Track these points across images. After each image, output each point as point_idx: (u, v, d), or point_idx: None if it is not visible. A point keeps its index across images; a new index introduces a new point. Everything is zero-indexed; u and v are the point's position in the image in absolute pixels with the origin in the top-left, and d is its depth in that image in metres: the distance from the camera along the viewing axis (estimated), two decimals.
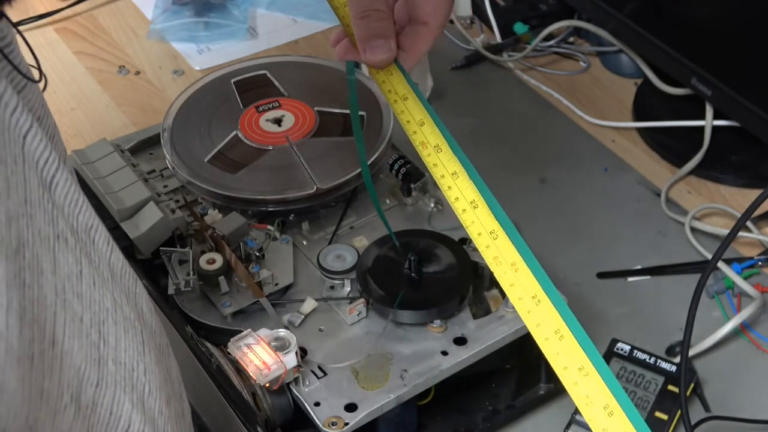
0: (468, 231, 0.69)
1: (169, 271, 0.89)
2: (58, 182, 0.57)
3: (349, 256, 0.90)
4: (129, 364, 0.60)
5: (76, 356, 0.56)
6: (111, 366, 0.59)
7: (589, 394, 0.63)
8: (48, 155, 0.56)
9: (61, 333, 0.55)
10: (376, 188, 0.98)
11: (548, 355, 0.65)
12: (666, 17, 1.17)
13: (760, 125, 1.06)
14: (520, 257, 0.67)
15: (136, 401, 0.60)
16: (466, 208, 0.70)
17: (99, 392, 0.58)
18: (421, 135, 0.73)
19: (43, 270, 0.54)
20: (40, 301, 0.53)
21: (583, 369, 0.63)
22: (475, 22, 1.37)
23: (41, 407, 0.53)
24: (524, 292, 0.66)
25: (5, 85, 0.54)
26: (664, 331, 0.98)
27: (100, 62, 1.32)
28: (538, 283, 0.66)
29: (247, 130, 0.99)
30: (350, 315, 0.86)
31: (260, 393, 0.81)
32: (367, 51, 0.72)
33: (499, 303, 0.89)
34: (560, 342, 0.64)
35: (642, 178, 1.15)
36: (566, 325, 0.65)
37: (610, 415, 0.62)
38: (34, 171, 0.55)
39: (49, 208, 0.56)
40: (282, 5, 1.40)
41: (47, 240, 0.55)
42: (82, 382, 0.56)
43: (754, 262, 1.03)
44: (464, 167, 0.71)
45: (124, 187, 0.93)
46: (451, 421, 0.89)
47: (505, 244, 0.68)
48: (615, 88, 1.27)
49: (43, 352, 0.53)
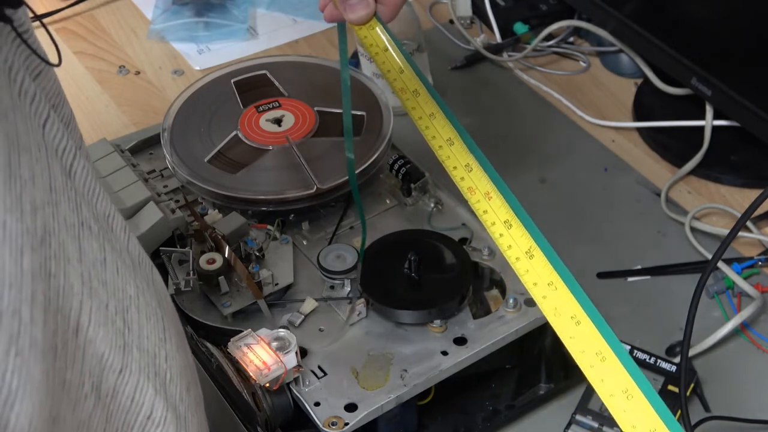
0: (482, 218, 0.70)
1: (169, 271, 0.89)
2: (76, 170, 0.57)
3: (349, 256, 0.90)
4: (152, 350, 0.60)
5: (100, 344, 0.56)
6: (135, 353, 0.59)
7: (604, 378, 0.63)
8: (66, 143, 0.57)
9: (86, 321, 0.55)
10: (376, 188, 0.98)
11: (566, 342, 0.65)
12: (666, 17, 1.17)
13: (760, 125, 1.06)
14: (535, 245, 0.68)
15: (159, 388, 0.60)
16: (464, 174, 0.72)
17: (121, 379, 0.58)
18: (400, 82, 0.77)
19: (69, 258, 0.54)
20: (66, 290, 0.54)
21: (600, 354, 0.63)
22: (475, 22, 1.37)
23: (63, 398, 0.53)
24: (539, 278, 0.67)
25: (23, 74, 0.55)
26: (664, 331, 0.98)
27: (100, 62, 1.32)
28: (553, 268, 0.66)
29: (247, 130, 0.99)
30: (350, 315, 0.86)
31: (260, 393, 0.81)
32: (347, 10, 0.76)
33: (499, 303, 0.89)
34: (577, 327, 0.64)
35: (642, 178, 1.15)
36: (583, 311, 0.65)
37: (629, 397, 0.62)
38: (55, 159, 0.55)
39: (73, 195, 0.56)
40: (282, 5, 1.40)
41: (73, 228, 0.55)
42: (104, 370, 0.57)
43: (754, 262, 1.03)
44: (460, 135, 0.73)
45: (124, 187, 0.93)
46: (451, 421, 0.89)
47: (519, 231, 0.68)
48: (615, 88, 1.27)
49: (66, 343, 0.54)
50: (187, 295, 0.88)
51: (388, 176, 0.99)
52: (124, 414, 0.59)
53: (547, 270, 0.67)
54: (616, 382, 0.63)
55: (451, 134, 0.73)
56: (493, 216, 0.70)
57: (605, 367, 0.63)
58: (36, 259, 0.51)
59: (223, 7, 1.37)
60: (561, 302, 0.66)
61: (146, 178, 0.97)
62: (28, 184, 0.51)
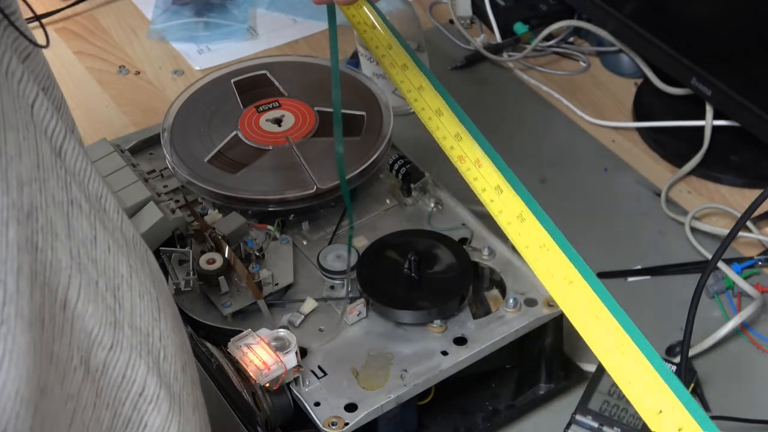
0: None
1: (169, 271, 0.89)
2: (66, 150, 0.58)
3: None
4: (145, 329, 0.61)
5: (89, 319, 0.57)
6: (127, 330, 0.59)
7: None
8: (55, 124, 0.57)
9: (74, 296, 0.56)
10: (376, 188, 0.98)
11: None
12: (666, 17, 1.17)
13: (760, 125, 1.06)
14: (527, 208, 0.69)
15: (152, 365, 0.61)
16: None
17: (112, 355, 0.58)
18: (389, 57, 0.79)
19: (57, 234, 0.55)
20: (54, 265, 0.54)
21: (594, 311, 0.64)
22: (475, 22, 1.37)
23: (51, 371, 0.54)
24: (530, 240, 0.68)
25: (10, 54, 0.55)
26: (664, 331, 0.98)
27: (100, 62, 1.32)
28: (545, 231, 0.68)
29: (247, 130, 0.99)
30: (350, 315, 0.86)
31: (260, 393, 0.81)
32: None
33: (499, 303, 0.89)
34: (570, 286, 0.66)
35: (642, 178, 1.15)
36: (577, 271, 0.66)
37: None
38: (44, 137, 0.56)
39: (62, 174, 0.56)
40: (282, 5, 1.40)
41: (61, 205, 0.56)
42: (93, 345, 0.57)
43: (754, 262, 1.03)
44: (449, 106, 0.76)
45: (124, 187, 0.93)
46: (451, 421, 0.89)
47: (510, 195, 0.70)
48: (615, 88, 1.27)
49: (54, 316, 0.54)
50: (187, 295, 0.88)
51: (388, 176, 0.99)
52: (115, 390, 0.59)
53: (540, 233, 0.68)
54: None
55: (440, 105, 0.75)
56: (483, 183, 0.71)
57: (600, 325, 0.64)
58: (22, 232, 0.51)
59: (223, 7, 1.37)
60: (553, 263, 0.67)
61: (146, 178, 0.97)
62: (15, 160, 0.52)
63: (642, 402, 0.60)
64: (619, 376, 0.61)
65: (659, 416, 0.59)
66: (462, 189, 1.06)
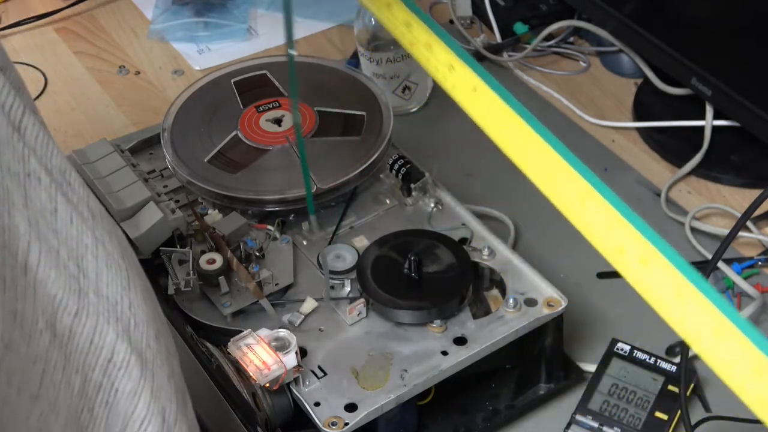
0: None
1: (169, 271, 0.89)
2: (26, 126, 0.59)
3: (349, 256, 0.90)
4: (113, 297, 0.62)
5: (52, 285, 0.58)
6: (93, 297, 0.60)
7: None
8: (13, 101, 0.58)
9: (35, 262, 0.57)
10: (376, 188, 0.98)
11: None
12: (666, 17, 1.17)
13: (760, 125, 1.06)
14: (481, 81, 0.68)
15: (121, 332, 0.61)
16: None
17: (78, 321, 0.59)
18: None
19: (14, 202, 0.56)
20: (12, 230, 0.56)
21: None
22: (475, 22, 1.37)
23: (14, 328, 0.55)
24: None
25: None
26: (664, 331, 0.97)
27: (100, 62, 1.32)
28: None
29: (247, 130, 0.99)
30: (350, 315, 0.86)
31: (260, 393, 0.81)
32: None
33: (499, 303, 0.89)
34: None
35: (642, 178, 1.15)
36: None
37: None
38: (1, 113, 0.57)
39: (20, 147, 0.58)
40: (282, 5, 1.39)
41: (17, 176, 0.57)
42: (58, 310, 0.58)
43: (754, 262, 1.03)
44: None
45: (124, 187, 0.93)
46: (451, 421, 0.89)
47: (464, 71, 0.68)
48: (615, 88, 1.27)
49: (15, 278, 0.55)
50: (187, 295, 0.88)
51: (388, 176, 0.99)
52: (83, 355, 0.60)
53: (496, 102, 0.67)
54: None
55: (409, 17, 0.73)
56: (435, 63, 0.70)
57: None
58: None
59: (223, 7, 1.37)
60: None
61: (146, 178, 0.97)
62: None
63: (605, 245, 0.60)
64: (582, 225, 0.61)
65: (623, 255, 0.60)
66: (462, 189, 1.07)
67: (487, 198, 1.10)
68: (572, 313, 0.94)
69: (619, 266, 0.59)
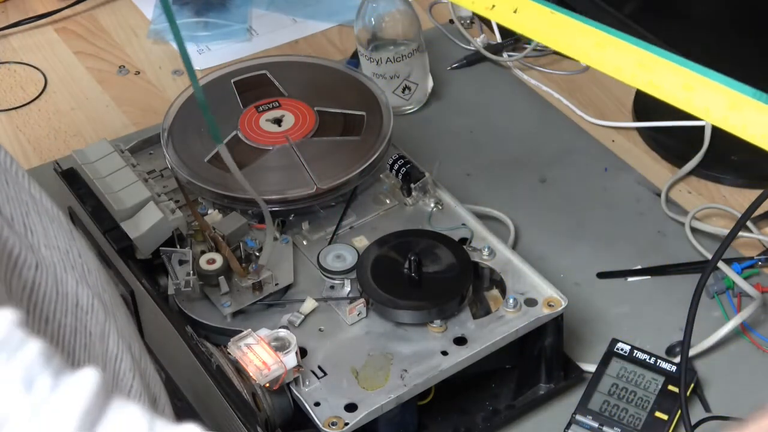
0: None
1: (169, 271, 0.89)
2: None
3: (349, 256, 0.90)
4: (63, 248, 0.66)
5: (7, 242, 0.62)
6: (45, 251, 0.64)
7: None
8: None
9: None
10: (376, 188, 0.98)
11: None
12: (665, 17, 1.17)
13: None
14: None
15: (80, 279, 0.65)
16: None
17: (39, 274, 0.63)
18: None
19: None
20: None
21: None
22: (475, 22, 1.36)
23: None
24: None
25: None
26: (664, 331, 0.98)
27: (100, 62, 1.32)
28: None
29: (247, 130, 0.99)
30: (350, 315, 0.86)
31: (260, 393, 0.81)
32: None
33: (499, 303, 0.89)
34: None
35: (642, 178, 1.15)
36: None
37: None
38: None
39: None
40: (282, 5, 1.40)
41: None
42: (17, 265, 0.62)
43: (754, 262, 1.03)
44: None
45: (124, 187, 0.93)
46: (451, 421, 0.89)
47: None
48: (615, 88, 1.27)
49: None
50: (187, 295, 0.88)
51: (388, 176, 0.99)
52: (52, 303, 0.63)
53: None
54: None
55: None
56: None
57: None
58: None
59: (222, 7, 1.37)
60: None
61: (146, 178, 0.97)
62: None
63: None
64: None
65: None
66: (462, 189, 1.07)
67: (487, 198, 1.10)
68: (572, 313, 0.94)
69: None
